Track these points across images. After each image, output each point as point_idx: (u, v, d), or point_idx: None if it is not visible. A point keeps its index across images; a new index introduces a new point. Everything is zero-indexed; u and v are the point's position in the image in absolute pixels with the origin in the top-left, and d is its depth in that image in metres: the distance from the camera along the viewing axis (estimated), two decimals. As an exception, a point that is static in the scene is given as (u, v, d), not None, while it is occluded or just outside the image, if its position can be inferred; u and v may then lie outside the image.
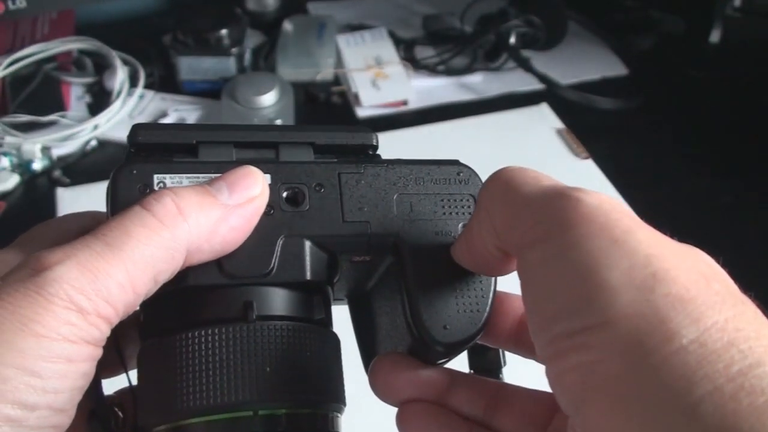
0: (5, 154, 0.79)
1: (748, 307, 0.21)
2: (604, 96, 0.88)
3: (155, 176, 0.26)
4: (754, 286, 0.23)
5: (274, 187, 0.27)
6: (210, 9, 0.92)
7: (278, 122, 0.82)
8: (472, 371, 0.30)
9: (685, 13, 1.00)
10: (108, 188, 0.26)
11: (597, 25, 0.99)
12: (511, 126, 0.79)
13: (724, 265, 0.24)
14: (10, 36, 0.95)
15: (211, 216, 0.25)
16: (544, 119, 0.80)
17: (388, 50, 0.95)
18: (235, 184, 0.25)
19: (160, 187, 0.26)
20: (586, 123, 0.81)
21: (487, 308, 0.27)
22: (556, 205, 0.22)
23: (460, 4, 0.98)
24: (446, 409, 0.27)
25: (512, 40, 0.92)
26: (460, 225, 0.28)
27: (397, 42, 0.97)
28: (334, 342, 0.28)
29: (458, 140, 0.77)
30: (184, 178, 0.27)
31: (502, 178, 0.26)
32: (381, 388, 0.27)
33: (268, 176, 0.27)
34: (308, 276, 0.26)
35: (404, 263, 0.27)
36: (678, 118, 0.89)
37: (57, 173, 0.79)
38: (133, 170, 0.27)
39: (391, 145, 0.80)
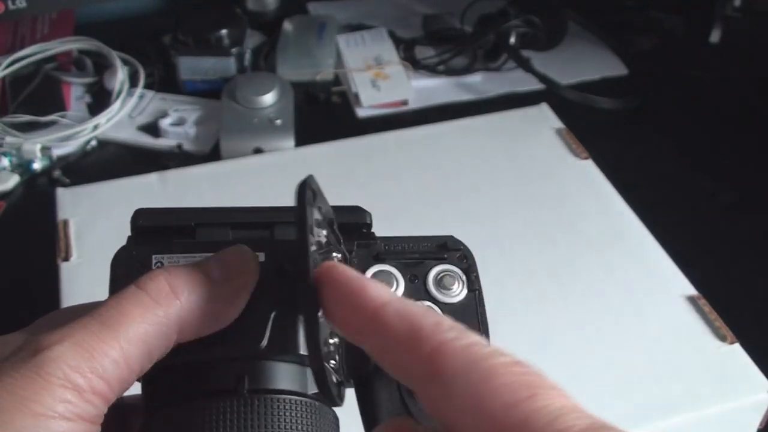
0: (5, 154, 0.79)
1: None
2: (604, 96, 0.88)
3: (153, 257, 0.28)
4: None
5: (267, 265, 0.28)
6: (210, 9, 0.92)
7: (278, 122, 0.82)
8: None
9: (685, 13, 1.00)
10: (110, 269, 0.28)
11: (597, 25, 0.99)
12: (511, 126, 0.79)
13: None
14: (10, 36, 0.95)
15: (202, 294, 0.26)
16: (544, 119, 0.80)
17: (388, 50, 0.95)
18: (226, 263, 0.27)
19: (157, 267, 0.28)
20: (586, 123, 0.81)
21: None
22: None
23: (460, 4, 0.98)
24: None
25: (512, 40, 0.92)
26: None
27: (397, 42, 0.97)
28: (330, 417, 0.27)
29: (458, 140, 0.77)
30: (181, 258, 0.28)
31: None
32: None
33: (261, 254, 0.28)
34: (301, 350, 0.27)
35: None
36: (678, 118, 0.89)
37: (57, 173, 0.79)
38: (132, 252, 0.28)
39: (392, 145, 0.80)
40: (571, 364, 0.56)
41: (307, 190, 0.25)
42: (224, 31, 0.89)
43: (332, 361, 0.26)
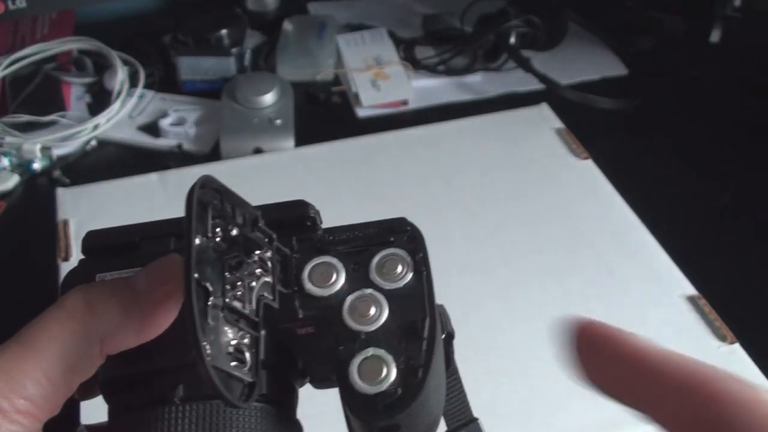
0: (5, 154, 0.79)
1: None
2: (604, 96, 0.88)
3: (97, 276, 0.28)
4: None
5: None
6: (210, 9, 0.92)
7: (278, 122, 0.82)
8: None
9: (685, 13, 1.00)
10: (59, 293, 0.28)
11: (597, 25, 0.99)
12: (511, 126, 0.79)
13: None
14: (10, 36, 0.95)
15: (124, 305, 0.26)
16: (544, 119, 0.80)
17: (388, 50, 0.95)
18: (151, 272, 0.27)
19: None
20: (586, 123, 0.81)
21: (422, 358, 0.26)
22: None
23: (460, 4, 0.98)
24: None
25: (512, 40, 0.92)
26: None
27: (397, 42, 0.97)
28: (275, 417, 0.27)
29: (458, 140, 0.77)
30: (124, 274, 0.28)
31: None
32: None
33: None
34: None
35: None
36: (678, 118, 0.89)
37: (57, 173, 0.79)
38: (79, 273, 0.29)
39: (392, 145, 0.80)
40: (571, 364, 0.56)
41: (195, 195, 0.25)
42: (224, 31, 0.89)
43: (234, 362, 0.25)
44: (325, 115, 0.88)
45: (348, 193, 0.70)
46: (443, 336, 0.29)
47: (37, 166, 0.79)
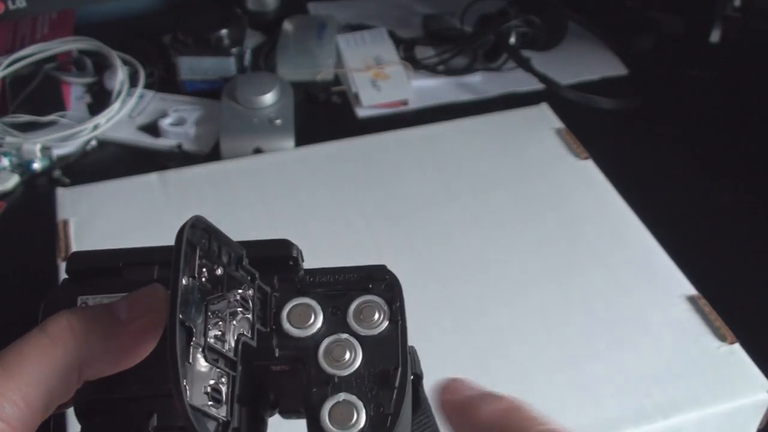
0: (5, 154, 0.80)
1: None
2: (604, 96, 0.88)
3: (79, 298, 0.29)
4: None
5: None
6: (210, 9, 0.92)
7: (278, 122, 0.82)
8: None
9: (685, 13, 1.00)
10: (40, 312, 0.29)
11: (597, 25, 0.99)
12: (511, 126, 0.79)
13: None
14: (10, 36, 0.95)
15: (106, 333, 0.26)
16: (543, 119, 0.80)
17: (388, 50, 0.95)
18: (133, 302, 0.27)
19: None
20: (586, 123, 0.81)
21: (392, 407, 0.27)
22: None
23: (460, 4, 0.98)
24: None
25: (512, 40, 0.92)
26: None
27: (397, 42, 0.97)
28: None
29: (458, 140, 0.77)
30: (105, 298, 0.29)
31: None
32: None
33: None
34: None
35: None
36: (678, 118, 0.89)
37: (57, 173, 0.79)
38: (61, 294, 0.29)
39: (392, 145, 0.80)
40: (572, 364, 0.56)
41: (185, 235, 0.25)
42: (224, 31, 0.89)
43: (210, 402, 0.25)
44: (325, 115, 0.88)
45: (348, 193, 0.70)
46: (411, 378, 0.29)
47: (37, 166, 0.79)
